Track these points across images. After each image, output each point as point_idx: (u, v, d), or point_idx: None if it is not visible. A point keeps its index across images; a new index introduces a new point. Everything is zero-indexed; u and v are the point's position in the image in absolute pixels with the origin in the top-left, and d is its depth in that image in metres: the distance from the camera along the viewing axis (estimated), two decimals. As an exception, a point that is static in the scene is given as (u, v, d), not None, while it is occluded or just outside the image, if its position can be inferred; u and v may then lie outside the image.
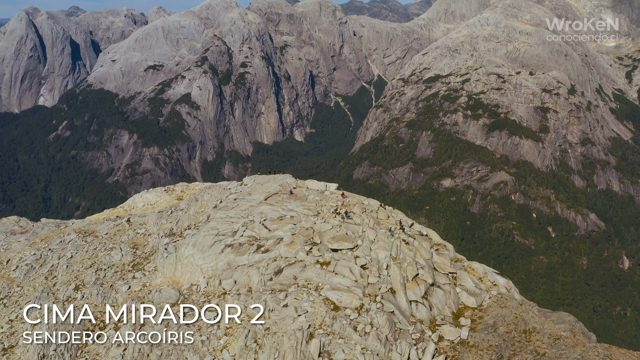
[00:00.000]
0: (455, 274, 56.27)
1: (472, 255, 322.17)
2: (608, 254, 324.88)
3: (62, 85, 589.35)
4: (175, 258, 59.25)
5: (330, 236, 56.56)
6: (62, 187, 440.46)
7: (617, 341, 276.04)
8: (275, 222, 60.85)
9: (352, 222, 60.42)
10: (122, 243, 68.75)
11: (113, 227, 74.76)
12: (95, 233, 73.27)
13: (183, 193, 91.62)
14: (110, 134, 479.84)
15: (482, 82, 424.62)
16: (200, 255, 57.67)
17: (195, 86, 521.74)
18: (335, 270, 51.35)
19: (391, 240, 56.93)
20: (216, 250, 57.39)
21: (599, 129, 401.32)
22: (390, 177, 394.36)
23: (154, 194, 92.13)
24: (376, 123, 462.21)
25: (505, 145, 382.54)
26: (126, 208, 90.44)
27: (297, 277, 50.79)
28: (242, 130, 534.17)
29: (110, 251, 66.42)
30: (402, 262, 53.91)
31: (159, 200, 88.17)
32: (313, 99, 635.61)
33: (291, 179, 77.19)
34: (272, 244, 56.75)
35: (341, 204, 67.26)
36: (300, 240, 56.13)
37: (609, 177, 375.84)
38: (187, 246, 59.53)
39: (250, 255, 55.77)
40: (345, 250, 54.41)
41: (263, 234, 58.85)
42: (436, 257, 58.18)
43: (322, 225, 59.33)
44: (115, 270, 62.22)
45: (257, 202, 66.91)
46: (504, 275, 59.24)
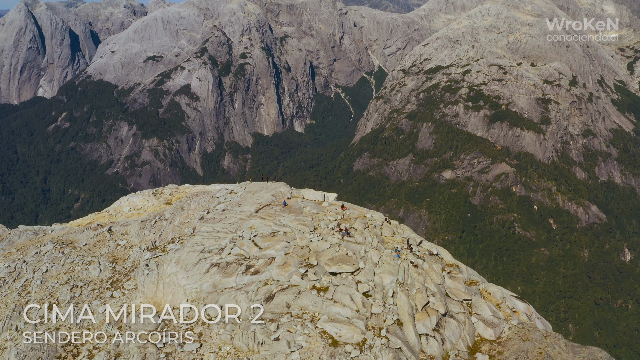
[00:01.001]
0: (471, 300, 49.24)
1: (472, 247, 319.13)
2: (609, 247, 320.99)
3: (61, 76, 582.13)
4: (156, 276, 53.30)
5: (328, 257, 50.03)
6: (61, 179, 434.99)
7: (619, 334, 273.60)
8: (266, 238, 54.46)
9: (353, 240, 53.58)
10: (101, 256, 62.83)
11: (93, 236, 68.79)
12: (73, 243, 67.28)
13: (172, 197, 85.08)
14: (110, 125, 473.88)
15: (483, 73, 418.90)
16: (183, 274, 51.64)
17: (195, 77, 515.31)
18: (334, 297, 44.68)
19: (398, 263, 50.19)
20: (201, 269, 51.29)
21: (601, 120, 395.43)
22: (391, 168, 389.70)
23: (141, 197, 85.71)
24: (376, 114, 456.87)
25: (506, 137, 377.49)
26: (112, 212, 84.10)
27: (291, 304, 44.14)
28: (241, 122, 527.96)
29: (89, 265, 60.58)
30: (411, 288, 47.17)
31: (146, 205, 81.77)
32: (313, 90, 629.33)
33: (285, 187, 70.52)
34: (263, 264, 50.37)
35: (340, 218, 60.60)
36: (294, 261, 49.59)
37: (611, 169, 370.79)
38: (170, 263, 53.53)
39: (238, 277, 49.40)
40: (345, 275, 47.69)
41: (253, 253, 52.37)
42: (449, 281, 51.15)
43: (319, 244, 52.72)
44: (93, 288, 56.39)
45: (247, 214, 60.43)
46: (524, 300, 52.09)
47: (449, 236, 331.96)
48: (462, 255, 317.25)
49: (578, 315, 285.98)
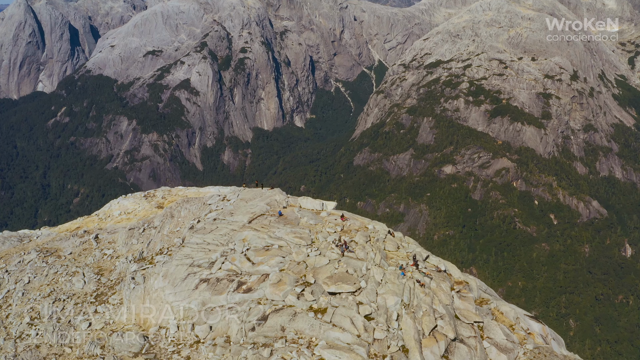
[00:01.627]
0: (482, 323, 44.91)
1: (473, 242, 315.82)
2: (610, 242, 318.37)
3: (60, 71, 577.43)
4: (143, 291, 49.70)
5: (326, 275, 45.99)
6: (61, 174, 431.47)
7: (620, 330, 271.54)
8: (260, 252, 50.40)
9: (354, 256, 49.27)
10: (86, 266, 59.04)
11: (79, 245, 65.00)
12: (58, 252, 63.51)
13: (165, 200, 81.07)
14: (109, 120, 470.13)
15: (484, 68, 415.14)
16: (171, 289, 47.92)
17: (195, 72, 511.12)
18: (333, 320, 40.57)
19: (403, 282, 45.89)
20: (190, 285, 47.56)
21: (602, 115, 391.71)
22: (391, 163, 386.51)
23: (132, 200, 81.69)
24: (377, 109, 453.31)
25: (507, 132, 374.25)
26: (101, 216, 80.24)
27: (286, 328, 40.17)
28: (241, 116, 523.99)
29: (73, 276, 56.82)
30: (417, 310, 43.00)
31: (137, 208, 77.90)
32: (313, 85, 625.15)
33: (281, 195, 66.03)
34: (256, 281, 46.48)
35: (340, 229, 56.14)
36: (289, 278, 45.65)
37: (612, 164, 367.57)
38: (157, 277, 49.82)
39: (229, 295, 45.51)
40: (345, 295, 43.58)
41: (245, 268, 48.51)
42: (458, 301, 46.78)
43: (317, 259, 48.53)
44: (76, 302, 52.64)
45: (239, 225, 56.12)
46: (539, 320, 47.92)
47: (450, 231, 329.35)
48: (463, 251, 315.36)
49: (579, 311, 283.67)
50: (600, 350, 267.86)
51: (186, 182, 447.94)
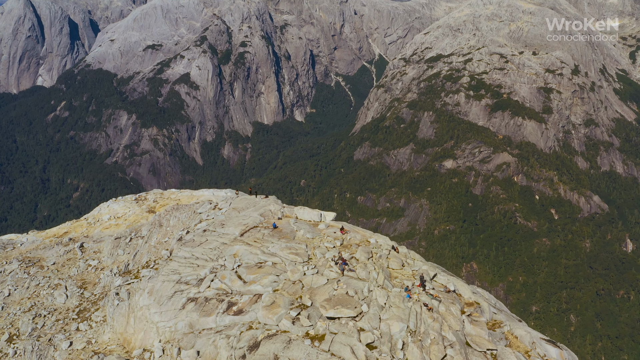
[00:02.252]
0: (496, 350, 40.36)
1: (474, 237, 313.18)
2: (611, 237, 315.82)
3: (60, 65, 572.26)
4: (127, 308, 46.13)
5: (324, 297, 41.75)
6: (60, 168, 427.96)
7: (621, 325, 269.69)
8: (252, 270, 46.49)
9: (355, 275, 44.95)
10: (69, 278, 55.68)
11: (63, 254, 61.55)
12: (41, 262, 60.04)
13: (156, 203, 77.22)
14: (109, 114, 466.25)
15: (485, 62, 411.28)
16: (156, 308, 44.15)
17: (195, 66, 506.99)
18: (332, 349, 36.35)
19: (408, 306, 41.56)
20: (176, 304, 43.87)
21: (603, 110, 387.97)
22: (392, 158, 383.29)
23: (122, 204, 77.95)
24: (377, 103, 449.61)
25: (507, 126, 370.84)
26: (90, 220, 76.65)
27: (280, 356, 35.98)
28: (241, 111, 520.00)
29: (55, 289, 53.59)
30: (424, 338, 38.74)
31: (127, 213, 74.09)
32: (313, 79, 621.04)
33: (276, 205, 61.17)
34: (248, 302, 42.65)
35: (340, 244, 51.85)
36: (284, 300, 41.61)
37: (613, 159, 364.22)
38: (143, 293, 46.14)
39: (218, 317, 41.78)
40: (345, 320, 39.38)
41: (236, 287, 44.77)
42: (469, 326, 42.13)
43: (314, 279, 44.50)
44: (57, 318, 49.45)
45: (230, 238, 52.05)
46: (556, 344, 43.77)
47: (450, 226, 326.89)
48: (463, 246, 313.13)
49: (580, 306, 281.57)
50: (601, 345, 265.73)
51: (186, 177, 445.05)
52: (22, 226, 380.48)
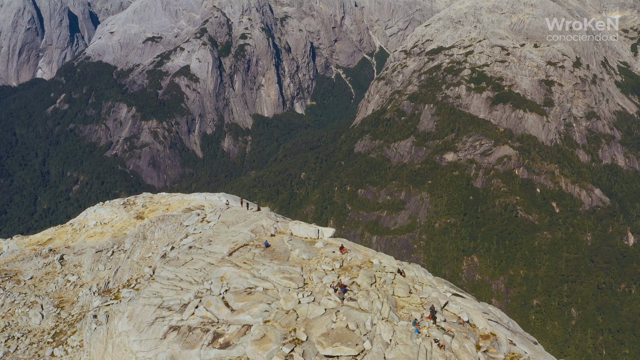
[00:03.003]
0: None
1: (475, 231, 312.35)
2: (613, 230, 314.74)
3: (60, 57, 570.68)
4: (105, 333, 43.83)
5: (321, 330, 37.83)
6: (60, 161, 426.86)
7: (622, 319, 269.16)
8: (240, 296, 42.78)
9: (356, 305, 40.95)
10: (46, 296, 53.34)
11: (42, 267, 59.37)
12: (18, 276, 57.85)
13: (145, 209, 74.38)
14: (109, 107, 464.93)
15: (486, 55, 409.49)
16: (136, 335, 41.43)
17: (195, 58, 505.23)
18: (330, 396, 33.43)
19: (417, 342, 37.56)
20: (157, 332, 41.06)
21: (604, 102, 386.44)
22: (392, 150, 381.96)
23: (109, 209, 75.13)
24: (378, 96, 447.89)
25: (509, 119, 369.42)
26: (76, 226, 74.12)
27: (270, 401, 33.23)
28: (241, 103, 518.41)
29: (30, 308, 51.34)
30: None
31: (114, 219, 71.70)
32: (314, 71, 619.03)
33: (268, 220, 56.58)
34: (235, 334, 39.50)
35: (339, 266, 48.11)
36: (276, 334, 37.93)
37: (614, 152, 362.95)
38: (122, 317, 43.59)
39: (202, 350, 38.80)
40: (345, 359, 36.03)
41: (222, 316, 41.41)
42: None
43: (310, 308, 40.56)
44: (32, 341, 47.23)
45: (218, 257, 48.15)
46: None
47: (451, 219, 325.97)
48: (464, 239, 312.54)
49: (581, 300, 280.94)
50: (602, 339, 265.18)
51: (186, 170, 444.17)
52: (21, 219, 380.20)
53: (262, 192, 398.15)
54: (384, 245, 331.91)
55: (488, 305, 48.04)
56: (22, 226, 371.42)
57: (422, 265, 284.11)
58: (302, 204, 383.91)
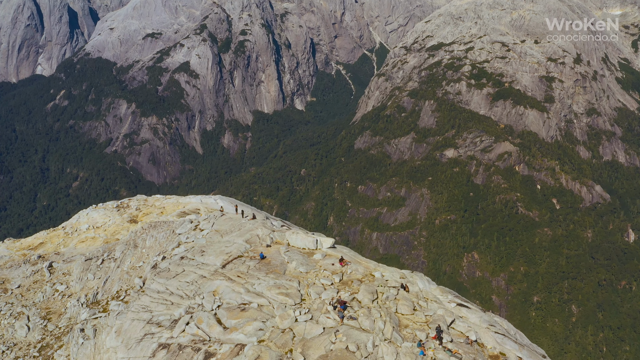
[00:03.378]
0: None
1: (475, 227, 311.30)
2: (613, 227, 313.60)
3: (59, 54, 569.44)
4: (93, 348, 42.11)
5: (319, 351, 35.51)
6: (60, 158, 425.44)
7: (622, 316, 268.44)
8: (234, 313, 40.21)
9: (357, 324, 38.47)
10: (33, 306, 51.29)
11: (30, 275, 57.23)
12: (5, 284, 55.83)
13: (139, 212, 72.18)
14: (109, 103, 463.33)
15: (486, 51, 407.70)
16: (124, 352, 39.64)
17: (194, 54, 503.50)
18: None
19: None
20: (146, 349, 39.12)
21: (605, 99, 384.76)
22: (392, 147, 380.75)
23: (102, 212, 72.79)
24: (378, 92, 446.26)
25: (509, 115, 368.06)
26: (68, 230, 72.05)
27: None
28: (241, 99, 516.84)
29: (17, 319, 49.32)
30: None
31: (107, 222, 69.60)
32: (314, 67, 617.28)
33: (264, 229, 53.76)
34: (228, 353, 36.91)
35: (339, 280, 45.44)
36: (271, 355, 35.40)
37: (615, 148, 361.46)
38: (110, 332, 41.89)
39: None
40: None
41: (214, 334, 39.02)
42: None
43: (308, 327, 38.10)
44: (17, 355, 45.35)
45: (210, 270, 45.69)
46: None
47: (451, 216, 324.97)
48: (464, 235, 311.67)
49: (581, 297, 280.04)
50: (602, 336, 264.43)
51: (186, 166, 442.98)
52: (21, 216, 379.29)
53: (262, 188, 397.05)
54: (384, 242, 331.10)
55: (494, 316, 45.91)
56: (21, 223, 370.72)
57: (422, 263, 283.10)
58: (302, 200, 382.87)
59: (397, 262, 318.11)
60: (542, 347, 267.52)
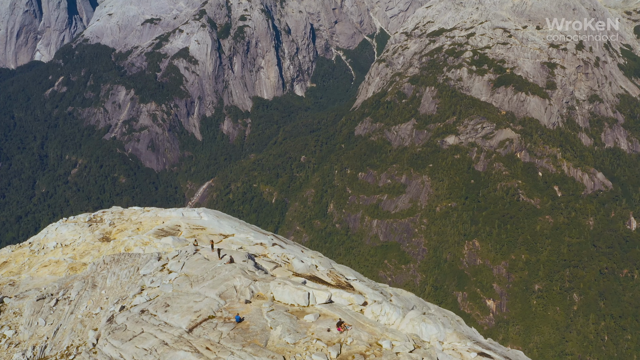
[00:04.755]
0: None
1: (476, 215, 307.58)
2: (615, 215, 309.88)
3: (58, 40, 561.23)
4: None
5: None
6: (59, 144, 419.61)
7: (624, 304, 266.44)
8: None
9: None
10: None
11: None
12: None
13: (112, 227, 63.25)
14: (107, 89, 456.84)
15: (488, 37, 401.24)
16: None
17: (194, 40, 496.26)
18: None
19: None
20: None
21: (607, 85, 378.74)
22: (393, 133, 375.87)
23: (72, 228, 63.23)
24: (378, 78, 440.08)
25: (511, 102, 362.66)
26: (34, 247, 63.42)
27: None
28: (241, 85, 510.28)
29: None
30: None
31: (77, 240, 60.61)
32: (314, 53, 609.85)
33: (244, 278, 43.78)
34: None
35: (336, 355, 35.18)
36: None
37: (617, 135, 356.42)
38: None
39: None
40: None
41: None
42: None
43: None
44: None
45: (174, 335, 36.26)
46: None
47: (452, 203, 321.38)
48: (465, 223, 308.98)
49: (583, 285, 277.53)
50: (604, 325, 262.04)
51: (185, 152, 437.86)
52: (20, 203, 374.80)
53: (262, 175, 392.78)
54: (385, 229, 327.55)
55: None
56: (20, 210, 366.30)
57: (422, 250, 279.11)
58: (302, 187, 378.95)
59: (397, 250, 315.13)
60: (543, 336, 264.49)
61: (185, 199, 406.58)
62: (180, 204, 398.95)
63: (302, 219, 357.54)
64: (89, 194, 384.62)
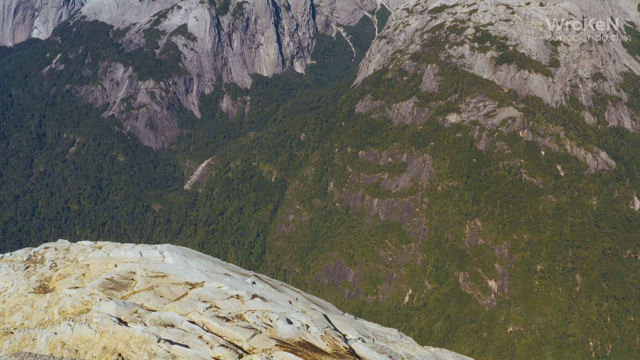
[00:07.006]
0: None
1: (478, 194, 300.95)
2: (619, 194, 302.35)
3: (55, 17, 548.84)
4: None
5: None
6: (56, 123, 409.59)
7: (627, 286, 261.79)
8: None
9: None
10: None
11: None
12: None
13: (54, 272, 46.15)
14: (105, 67, 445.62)
15: (490, 13, 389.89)
16: None
17: (192, 17, 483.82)
18: None
19: None
20: None
21: (611, 63, 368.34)
22: (394, 111, 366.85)
23: (4, 272, 45.76)
24: (379, 55, 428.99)
25: (513, 80, 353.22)
26: None
27: None
28: (240, 62, 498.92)
29: None
30: None
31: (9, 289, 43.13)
32: (314, 30, 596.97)
33: None
34: None
35: None
36: None
37: (621, 114, 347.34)
38: None
39: None
40: None
41: None
42: None
43: None
44: None
45: None
46: None
47: (454, 182, 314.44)
48: (467, 202, 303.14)
49: (586, 266, 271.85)
50: (607, 306, 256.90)
51: (184, 130, 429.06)
52: (18, 182, 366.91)
53: (261, 153, 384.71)
54: (385, 209, 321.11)
55: None
56: (18, 189, 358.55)
57: (423, 230, 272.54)
58: (302, 165, 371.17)
59: (398, 229, 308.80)
60: (545, 317, 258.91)
61: (184, 177, 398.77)
62: (179, 182, 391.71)
63: (302, 197, 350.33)
64: (87, 172, 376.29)
